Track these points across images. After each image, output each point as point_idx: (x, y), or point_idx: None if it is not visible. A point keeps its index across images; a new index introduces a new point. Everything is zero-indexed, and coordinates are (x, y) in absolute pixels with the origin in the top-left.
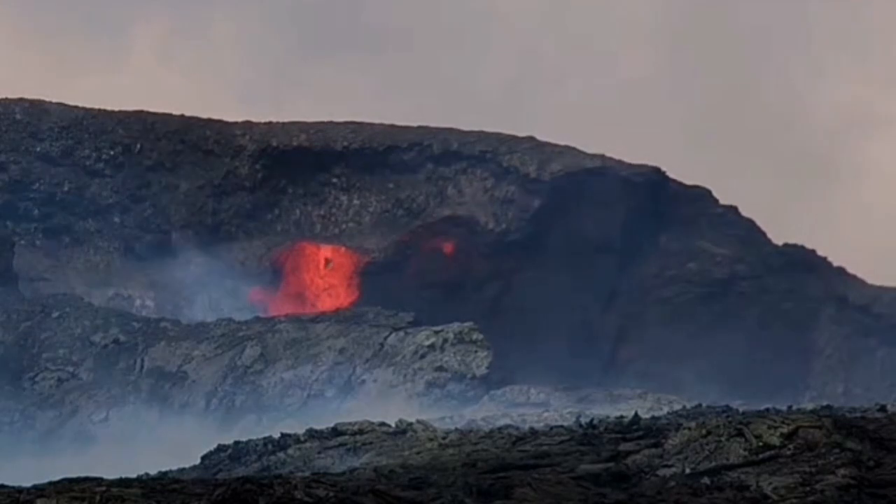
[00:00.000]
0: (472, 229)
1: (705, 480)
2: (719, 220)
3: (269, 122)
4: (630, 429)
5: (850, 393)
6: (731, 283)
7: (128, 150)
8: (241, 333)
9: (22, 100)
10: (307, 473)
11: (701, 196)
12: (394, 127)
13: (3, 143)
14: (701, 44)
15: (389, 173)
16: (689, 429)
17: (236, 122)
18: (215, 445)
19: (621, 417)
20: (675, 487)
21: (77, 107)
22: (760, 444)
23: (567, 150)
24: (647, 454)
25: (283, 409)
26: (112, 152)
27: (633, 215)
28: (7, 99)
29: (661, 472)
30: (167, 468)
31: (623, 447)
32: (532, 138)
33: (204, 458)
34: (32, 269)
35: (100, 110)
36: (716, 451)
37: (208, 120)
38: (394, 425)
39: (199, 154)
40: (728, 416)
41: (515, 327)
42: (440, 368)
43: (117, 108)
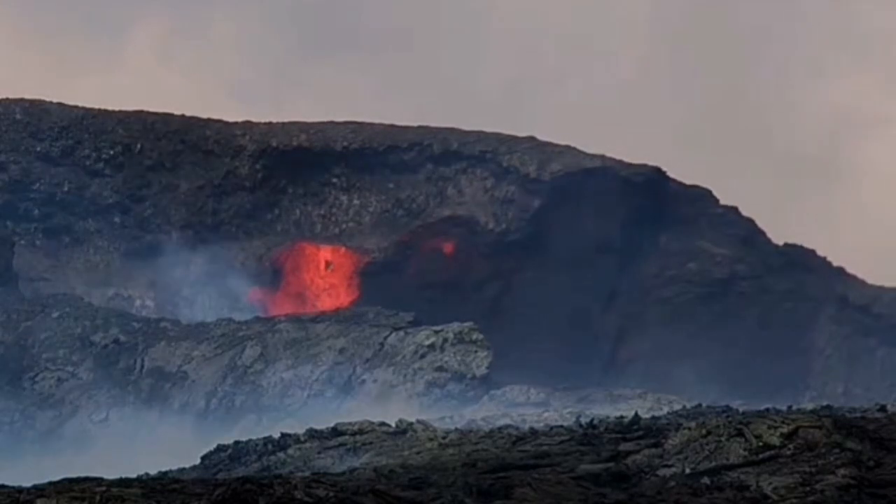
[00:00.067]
0: (472, 229)
1: (705, 480)
2: (719, 220)
3: (269, 122)
4: (630, 429)
5: (850, 393)
6: (731, 283)
7: (128, 150)
8: (241, 333)
9: (22, 100)
10: (307, 473)
11: (701, 196)
12: (394, 127)
13: (3, 143)
14: (700, 44)
15: (389, 173)
16: (689, 429)
17: (236, 122)
18: (215, 445)
19: (621, 417)
20: (675, 487)
21: (77, 107)
22: (760, 444)
23: (567, 150)
24: (647, 454)
25: (283, 409)
26: (112, 152)
27: (633, 215)
28: (7, 99)
29: (661, 472)
30: (167, 468)
31: (623, 447)
32: (532, 138)
33: (204, 458)
34: (32, 269)
35: (100, 110)
36: (716, 451)
37: (208, 120)
38: (394, 425)
39: (199, 154)
40: (728, 416)
41: (515, 327)
42: (440, 368)
43: (117, 107)
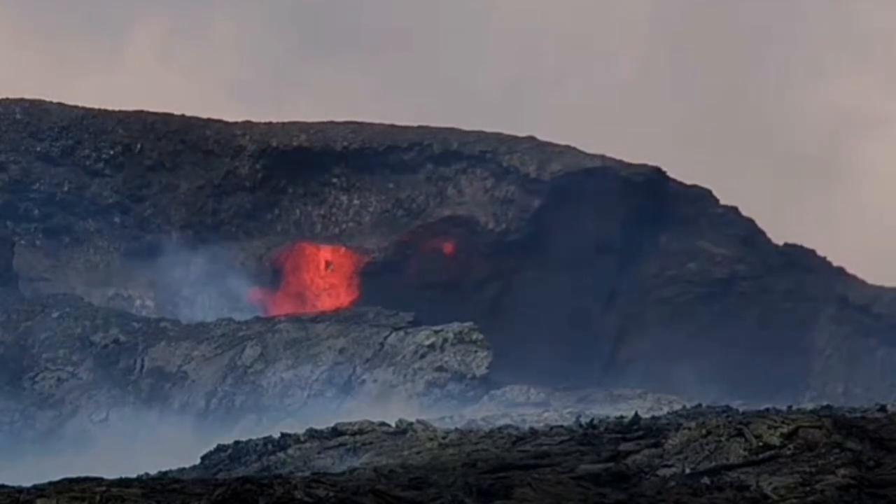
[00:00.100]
0: (472, 229)
1: (705, 480)
2: (719, 220)
3: (269, 122)
4: (630, 429)
5: (850, 393)
6: (731, 283)
7: (128, 150)
8: (241, 333)
9: (22, 100)
10: (307, 473)
11: (701, 196)
12: (394, 127)
13: (3, 143)
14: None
15: (389, 173)
16: (689, 429)
17: (236, 122)
18: (215, 445)
19: (621, 417)
20: (675, 487)
21: (77, 107)
22: (760, 444)
23: (567, 150)
24: (647, 454)
25: (283, 409)
26: (112, 152)
27: (633, 215)
28: (7, 99)
29: (661, 472)
30: (167, 468)
31: (623, 447)
32: (532, 138)
33: (204, 458)
34: (32, 269)
35: (100, 110)
36: (716, 451)
37: (208, 120)
38: (394, 425)
39: (199, 154)
40: (728, 416)
41: (515, 327)
42: (440, 368)
43: (117, 107)
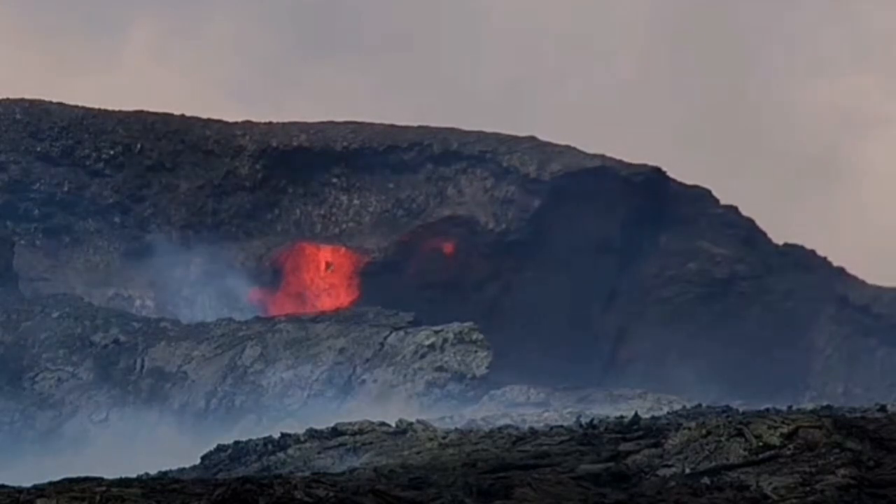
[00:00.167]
0: (472, 229)
1: (705, 480)
2: (719, 220)
3: (269, 122)
4: (630, 429)
5: (850, 393)
6: (731, 283)
7: (128, 150)
8: (241, 333)
9: (22, 100)
10: (307, 473)
11: (701, 196)
12: (394, 127)
13: (3, 143)
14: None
15: (389, 173)
16: (689, 429)
17: (236, 122)
18: (215, 445)
19: (621, 417)
20: (675, 487)
21: (77, 107)
22: (760, 444)
23: (567, 150)
24: (647, 454)
25: (283, 409)
26: (112, 152)
27: (633, 215)
28: (7, 99)
29: (661, 472)
30: (167, 468)
31: (623, 447)
32: (532, 138)
33: (204, 458)
34: (32, 269)
35: (100, 110)
36: (716, 451)
37: (208, 120)
38: (394, 425)
39: (199, 154)
40: (728, 416)
41: (515, 327)
42: (440, 368)
43: (117, 107)
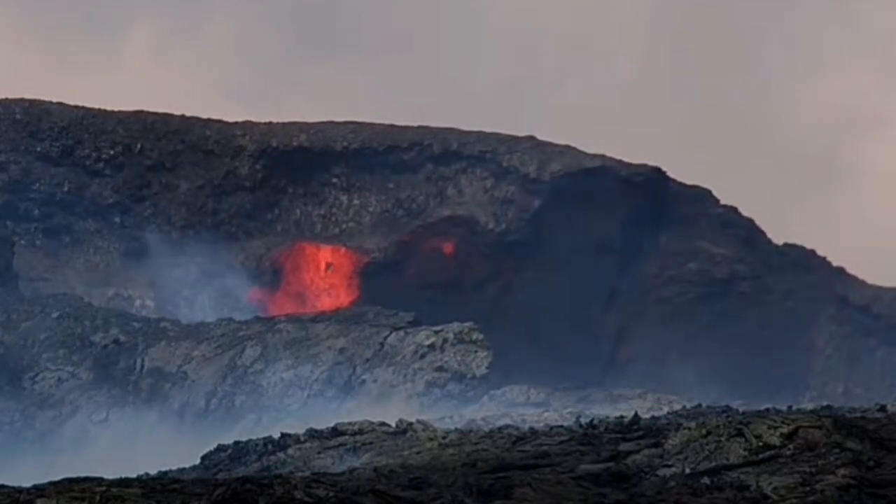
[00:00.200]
0: (472, 229)
1: (705, 480)
2: (719, 220)
3: (269, 122)
4: (630, 429)
5: (850, 393)
6: (731, 283)
7: (128, 150)
8: (241, 333)
9: (22, 100)
10: (307, 473)
11: (701, 196)
12: (394, 127)
13: (3, 143)
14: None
15: (389, 173)
16: (689, 429)
17: (236, 122)
18: (215, 445)
19: (621, 417)
20: (675, 487)
21: (77, 107)
22: (760, 444)
23: (567, 150)
24: (647, 454)
25: (283, 409)
26: (112, 152)
27: (633, 215)
28: (7, 99)
29: (661, 472)
30: (167, 468)
31: (623, 447)
32: (532, 138)
33: (204, 458)
34: (32, 269)
35: (100, 110)
36: (716, 451)
37: (208, 120)
38: (394, 425)
39: (199, 154)
40: (728, 416)
41: (515, 327)
42: (440, 368)
43: (117, 107)
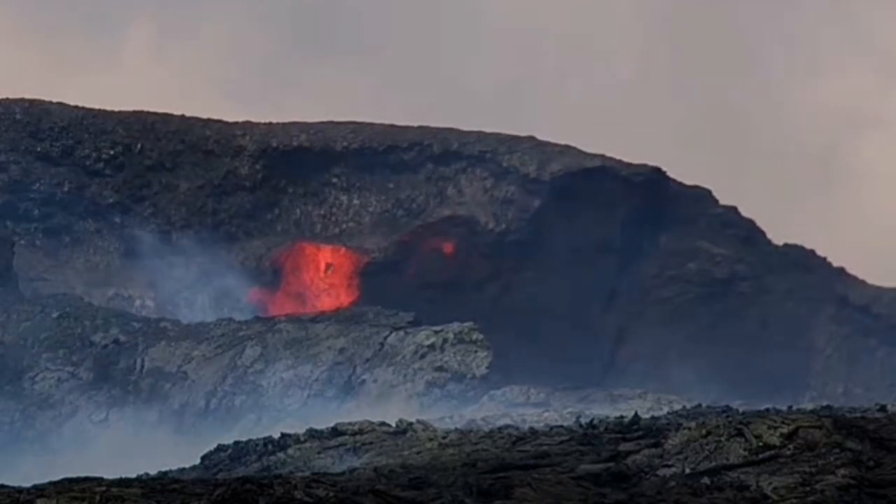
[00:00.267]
0: (472, 229)
1: (705, 480)
2: (719, 220)
3: (269, 123)
4: (630, 429)
5: (850, 393)
6: (731, 283)
7: (128, 150)
8: (241, 333)
9: (22, 100)
10: (307, 473)
11: (701, 196)
12: (394, 127)
13: (3, 143)
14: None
15: (389, 173)
16: (689, 429)
17: (236, 122)
18: (215, 445)
19: (621, 417)
20: (675, 487)
21: (77, 107)
22: (760, 444)
23: (567, 150)
24: (647, 454)
25: (283, 409)
26: (112, 152)
27: (633, 215)
28: (7, 99)
29: (661, 472)
30: (167, 468)
31: (623, 447)
32: (532, 138)
33: (204, 458)
34: (32, 269)
35: (100, 110)
36: (716, 451)
37: (208, 120)
38: (394, 425)
39: (199, 154)
40: (728, 416)
41: (515, 327)
42: (440, 368)
43: (117, 107)
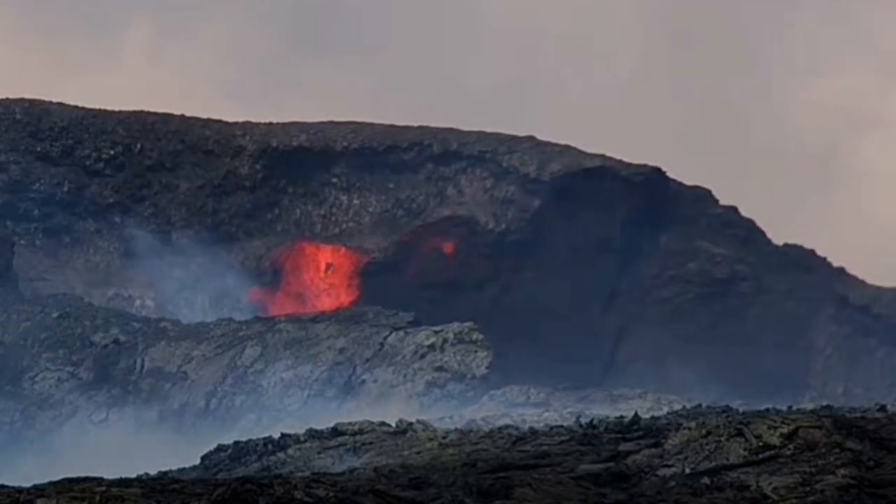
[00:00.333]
0: (472, 229)
1: (705, 480)
2: (719, 220)
3: (269, 122)
4: (630, 429)
5: (850, 393)
6: (731, 283)
7: (128, 150)
8: (241, 333)
9: (22, 100)
10: (307, 473)
11: (701, 196)
12: (394, 127)
13: (3, 143)
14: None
15: (389, 173)
16: (689, 429)
17: (236, 122)
18: (215, 445)
19: (621, 417)
20: (675, 487)
21: (77, 107)
22: (760, 444)
23: (567, 150)
24: (647, 454)
25: (283, 409)
26: (112, 152)
27: (633, 215)
28: (7, 99)
29: (661, 472)
30: (167, 468)
31: (623, 447)
32: (532, 138)
33: (204, 458)
34: (32, 269)
35: (100, 110)
36: (716, 451)
37: (208, 120)
38: (394, 425)
39: (199, 154)
40: (728, 416)
41: (515, 327)
42: (440, 368)
43: (117, 107)
